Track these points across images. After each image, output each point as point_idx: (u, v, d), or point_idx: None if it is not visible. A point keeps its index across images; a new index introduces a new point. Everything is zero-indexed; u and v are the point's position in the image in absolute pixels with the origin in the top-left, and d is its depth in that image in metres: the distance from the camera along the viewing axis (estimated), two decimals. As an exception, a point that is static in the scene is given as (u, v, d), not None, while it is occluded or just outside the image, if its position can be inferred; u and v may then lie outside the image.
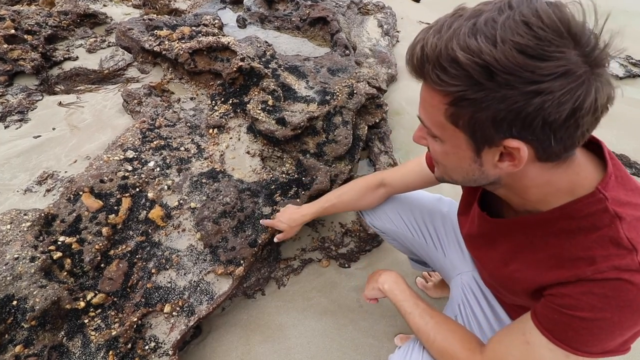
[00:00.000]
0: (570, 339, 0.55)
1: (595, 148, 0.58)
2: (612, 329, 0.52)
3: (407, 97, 2.46)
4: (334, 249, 1.55)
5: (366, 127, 1.77)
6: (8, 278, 1.03)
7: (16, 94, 1.83)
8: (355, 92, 1.75)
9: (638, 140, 2.37)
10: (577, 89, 0.43)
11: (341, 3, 2.72)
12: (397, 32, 3.08)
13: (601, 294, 0.51)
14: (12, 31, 1.95)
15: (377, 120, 1.83)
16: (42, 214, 1.20)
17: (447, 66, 0.45)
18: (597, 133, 0.53)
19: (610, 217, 0.51)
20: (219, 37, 1.88)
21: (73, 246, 1.17)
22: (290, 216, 1.22)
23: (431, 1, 4.19)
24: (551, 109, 0.43)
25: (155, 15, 2.28)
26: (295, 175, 1.52)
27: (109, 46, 2.24)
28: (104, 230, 1.24)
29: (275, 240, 1.29)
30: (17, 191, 1.47)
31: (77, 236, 1.20)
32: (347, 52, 2.11)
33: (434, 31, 0.48)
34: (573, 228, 0.54)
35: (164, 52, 1.95)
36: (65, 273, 1.11)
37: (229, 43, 1.84)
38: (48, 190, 1.47)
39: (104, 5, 2.54)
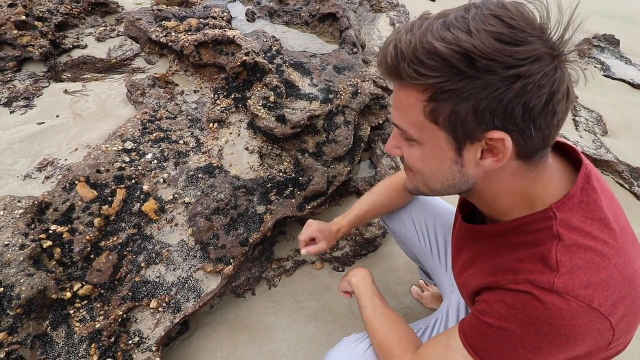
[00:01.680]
0: (478, 346, 0.55)
1: (578, 167, 0.56)
2: (514, 344, 0.51)
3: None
4: (328, 252, 1.52)
5: (369, 128, 1.73)
6: (-4, 264, 1.03)
7: (23, 80, 1.85)
8: (359, 91, 1.70)
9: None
10: (554, 72, 0.44)
11: (353, -1, 2.67)
12: (411, 31, 3.01)
13: (511, 304, 0.50)
14: (23, 17, 1.97)
15: (381, 122, 1.78)
16: (36, 202, 1.20)
17: (424, 59, 0.45)
18: (614, 144, 0.50)
19: (551, 237, 0.50)
20: (224, 31, 1.85)
21: (64, 235, 1.17)
22: (327, 231, 1.04)
23: (447, 2, 4.08)
24: (532, 93, 0.43)
25: (165, 5, 2.28)
26: (292, 175, 1.49)
27: (118, 35, 2.25)
28: (96, 221, 1.23)
29: (304, 252, 1.03)
30: (17, 177, 1.48)
31: (69, 225, 1.20)
32: (355, 49, 2.07)
33: (404, 31, 0.48)
34: (519, 242, 0.55)
35: (170, 44, 1.94)
36: (54, 262, 1.11)
37: (234, 37, 1.81)
38: (47, 178, 1.48)
39: (116, -6, 2.55)
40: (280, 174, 1.51)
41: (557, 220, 0.50)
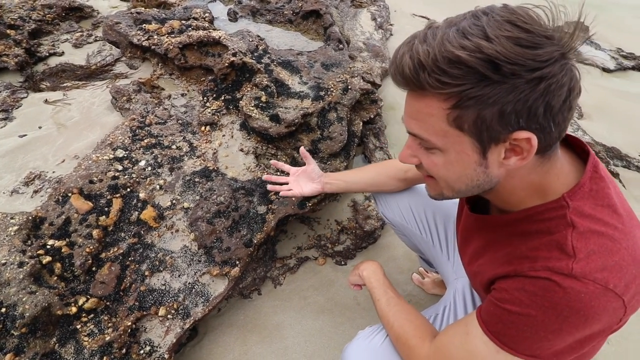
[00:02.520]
0: (500, 332, 0.57)
1: (585, 158, 0.58)
2: (536, 328, 0.53)
3: (401, 91, 2.44)
4: (330, 247, 1.54)
5: (361, 123, 1.75)
6: (-5, 284, 1.00)
7: (0, 92, 1.76)
8: (349, 87, 1.72)
9: (629, 133, 2.40)
10: (571, 70, 0.47)
11: (334, -5, 2.67)
12: (391, 25, 3.05)
13: (531, 291, 0.52)
14: (-7, 25, 1.87)
15: (372, 116, 1.81)
16: (30, 217, 1.16)
17: (446, 68, 0.46)
18: (590, 126, 0.54)
19: (565, 225, 0.53)
20: (209, 32, 1.83)
21: (63, 250, 1.13)
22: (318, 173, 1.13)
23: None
24: (554, 92, 0.45)
25: (143, 8, 2.21)
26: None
27: (95, 41, 2.17)
28: (95, 232, 1.21)
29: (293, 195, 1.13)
30: (4, 193, 1.42)
31: (67, 239, 1.17)
32: (341, 46, 2.08)
33: (418, 42, 0.48)
34: (532, 230, 0.57)
35: (153, 47, 1.89)
36: (56, 278, 1.08)
37: (220, 37, 1.79)
38: (35, 192, 1.43)
39: (90, -2, 2.46)
40: (278, 173, 1.51)
41: (570, 209, 0.53)
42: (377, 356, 0.79)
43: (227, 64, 1.71)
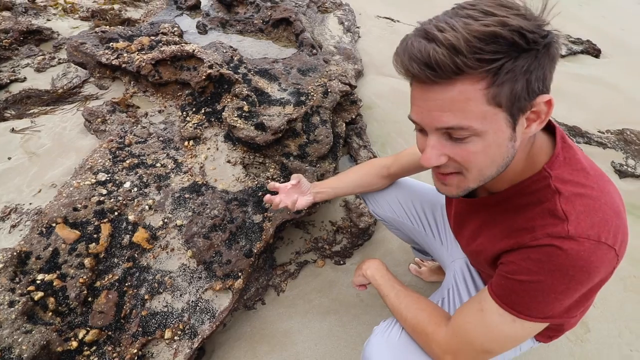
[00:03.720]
0: (514, 302, 0.60)
1: (552, 131, 0.64)
2: (547, 292, 0.57)
3: (375, 91, 2.51)
4: (328, 248, 1.55)
5: (344, 124, 1.79)
6: (-15, 328, 0.93)
7: (-41, 125, 1.65)
8: (329, 90, 1.75)
9: (586, 111, 2.59)
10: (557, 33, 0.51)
11: (300, 2, 2.72)
12: (358, 27, 3.12)
13: (536, 259, 0.56)
14: (-56, 55, 1.75)
15: (354, 116, 1.85)
16: (14, 253, 1.09)
17: (482, 46, 0.46)
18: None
19: (552, 192, 0.57)
20: (182, 46, 1.80)
21: (54, 283, 1.08)
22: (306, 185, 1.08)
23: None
24: (557, 54, 0.50)
25: (107, 26, 2.15)
26: (281, 179, 1.51)
27: (59, 63, 2.08)
28: (86, 261, 1.15)
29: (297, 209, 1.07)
30: (-23, 231, 1.33)
31: (58, 272, 1.11)
32: (315, 51, 2.12)
33: (435, 32, 0.48)
34: (524, 203, 0.61)
35: (123, 65, 1.84)
36: (51, 313, 1.03)
37: (194, 51, 1.77)
38: (13, 226, 1.35)
39: (48, 20, 2.34)
40: (269, 180, 1.51)
41: (552, 178, 0.58)
42: (397, 351, 0.79)
43: (204, 77, 1.70)
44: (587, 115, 2.54)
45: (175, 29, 2.15)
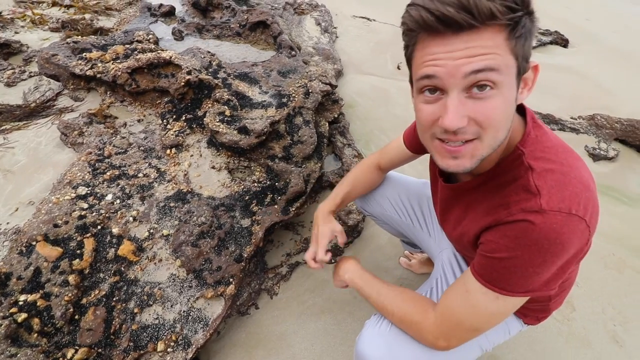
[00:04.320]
0: (495, 280, 0.62)
1: (522, 112, 0.67)
2: (525, 266, 0.59)
3: (356, 89, 2.53)
4: (318, 248, 1.55)
5: (327, 124, 1.80)
6: (-34, 355, 0.89)
7: None
8: (310, 91, 1.76)
9: (558, 99, 2.69)
10: None
11: (276, 5, 2.72)
12: (335, 28, 3.15)
13: (512, 235, 0.59)
14: None
15: (336, 116, 1.86)
16: (-7, 275, 1.05)
17: None
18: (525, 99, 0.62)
19: (525, 169, 0.60)
20: (158, 53, 1.78)
21: (38, 303, 1.04)
22: (322, 236, 1.00)
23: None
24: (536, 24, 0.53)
25: (79, 37, 2.09)
26: (268, 182, 1.50)
27: (30, 77, 2.01)
28: (71, 278, 1.12)
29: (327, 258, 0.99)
30: (-50, 255, 1.27)
31: (41, 291, 1.07)
32: (294, 52, 2.12)
33: None
34: (502, 182, 0.63)
35: (98, 76, 1.80)
36: (36, 334, 0.99)
37: (171, 57, 1.75)
38: (-10, 248, 1.29)
39: (16, 33, 2.26)
40: (255, 184, 1.50)
41: (525, 155, 0.61)
42: (388, 340, 0.81)
43: (183, 83, 1.68)
44: (560, 103, 2.63)
45: (151, 36, 2.11)
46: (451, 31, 0.50)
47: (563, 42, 3.52)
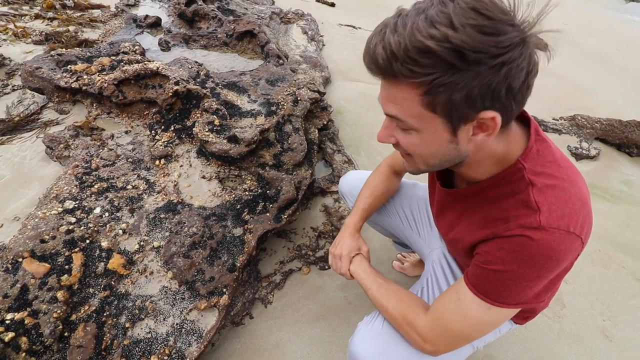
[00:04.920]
0: (489, 291, 0.63)
1: (527, 123, 0.66)
2: (519, 280, 0.60)
3: (344, 96, 2.56)
4: (312, 254, 1.56)
5: (316, 131, 1.81)
6: (-51, 379, 0.86)
7: None
8: (299, 98, 1.77)
9: (540, 101, 2.77)
10: (531, 54, 0.50)
11: (263, 15, 2.74)
12: (321, 36, 3.19)
13: (510, 249, 0.59)
14: None
15: (325, 122, 1.88)
16: (-23, 294, 1.02)
17: (417, 58, 0.48)
18: None
19: (526, 184, 0.60)
20: (145, 64, 1.77)
21: (26, 321, 1.01)
22: (347, 247, 1.01)
23: (345, 4, 4.41)
24: (515, 75, 0.49)
25: (63, 49, 2.07)
26: (259, 190, 1.50)
27: (14, 90, 1.97)
28: (59, 294, 1.09)
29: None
30: None
31: (28, 309, 1.04)
32: (281, 61, 2.14)
33: (389, 32, 0.50)
34: (500, 194, 0.63)
35: (84, 88, 1.78)
36: (24, 354, 0.96)
37: (158, 68, 1.75)
38: (-27, 266, 1.25)
39: (-3, 46, 2.23)
40: (246, 192, 1.50)
41: (526, 170, 0.60)
42: (380, 338, 0.82)
43: (171, 94, 1.67)
44: (541, 104, 2.71)
45: (137, 47, 2.10)
46: (380, 75, 0.55)
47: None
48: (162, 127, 1.71)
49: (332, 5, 4.27)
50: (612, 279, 1.61)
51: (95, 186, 1.45)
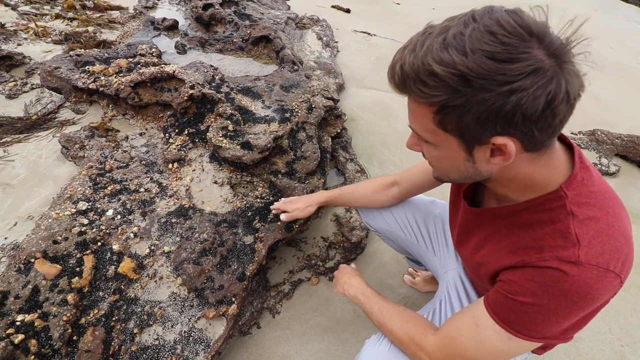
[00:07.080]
0: (512, 321, 0.60)
1: (570, 149, 0.62)
2: (549, 315, 0.56)
3: (357, 103, 2.55)
4: (321, 265, 1.53)
5: (330, 139, 1.80)
6: (-41, 381, 0.86)
7: None
8: (313, 106, 1.76)
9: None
10: (548, 84, 0.46)
11: (279, 20, 2.75)
12: (336, 42, 3.18)
13: (541, 282, 0.56)
14: None
15: (339, 130, 1.86)
16: (-11, 295, 1.02)
17: (426, 80, 0.49)
18: None
19: (566, 214, 0.56)
20: (162, 67, 1.78)
21: (36, 323, 1.01)
22: (303, 200, 1.25)
23: (360, 11, 4.41)
24: (527, 104, 0.46)
25: (81, 49, 2.10)
26: (271, 198, 1.49)
27: (32, 89, 2.01)
28: (70, 297, 1.09)
29: (283, 218, 1.26)
30: (-55, 272, 1.24)
31: (39, 310, 1.04)
32: (296, 67, 2.13)
33: (409, 51, 0.52)
34: (534, 220, 0.60)
35: (101, 89, 1.80)
36: (33, 357, 0.96)
37: (174, 71, 1.75)
38: (-13, 264, 1.27)
39: (19, 45, 2.27)
40: (258, 200, 1.49)
41: (568, 199, 0.56)
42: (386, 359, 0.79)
43: (186, 97, 1.68)
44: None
45: (154, 49, 2.12)
46: (398, 91, 0.56)
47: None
48: (176, 130, 1.71)
49: (348, 11, 4.27)
50: (632, 302, 1.56)
51: (109, 188, 1.45)
